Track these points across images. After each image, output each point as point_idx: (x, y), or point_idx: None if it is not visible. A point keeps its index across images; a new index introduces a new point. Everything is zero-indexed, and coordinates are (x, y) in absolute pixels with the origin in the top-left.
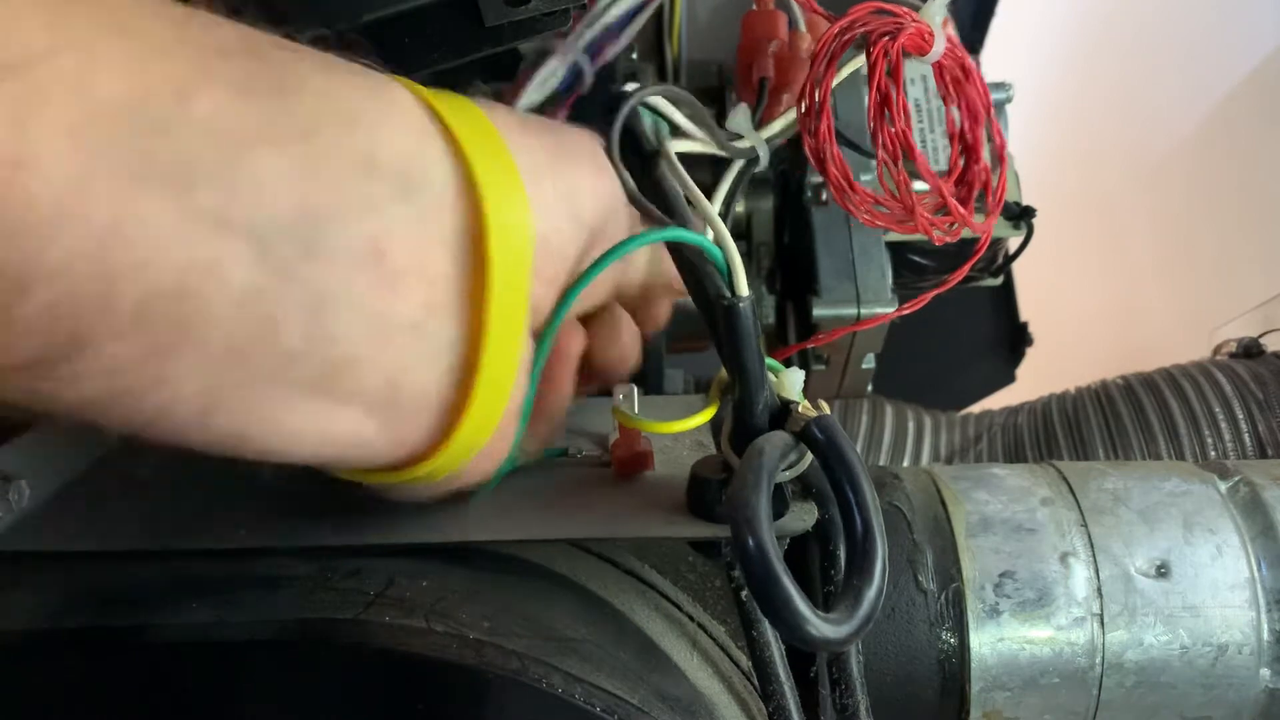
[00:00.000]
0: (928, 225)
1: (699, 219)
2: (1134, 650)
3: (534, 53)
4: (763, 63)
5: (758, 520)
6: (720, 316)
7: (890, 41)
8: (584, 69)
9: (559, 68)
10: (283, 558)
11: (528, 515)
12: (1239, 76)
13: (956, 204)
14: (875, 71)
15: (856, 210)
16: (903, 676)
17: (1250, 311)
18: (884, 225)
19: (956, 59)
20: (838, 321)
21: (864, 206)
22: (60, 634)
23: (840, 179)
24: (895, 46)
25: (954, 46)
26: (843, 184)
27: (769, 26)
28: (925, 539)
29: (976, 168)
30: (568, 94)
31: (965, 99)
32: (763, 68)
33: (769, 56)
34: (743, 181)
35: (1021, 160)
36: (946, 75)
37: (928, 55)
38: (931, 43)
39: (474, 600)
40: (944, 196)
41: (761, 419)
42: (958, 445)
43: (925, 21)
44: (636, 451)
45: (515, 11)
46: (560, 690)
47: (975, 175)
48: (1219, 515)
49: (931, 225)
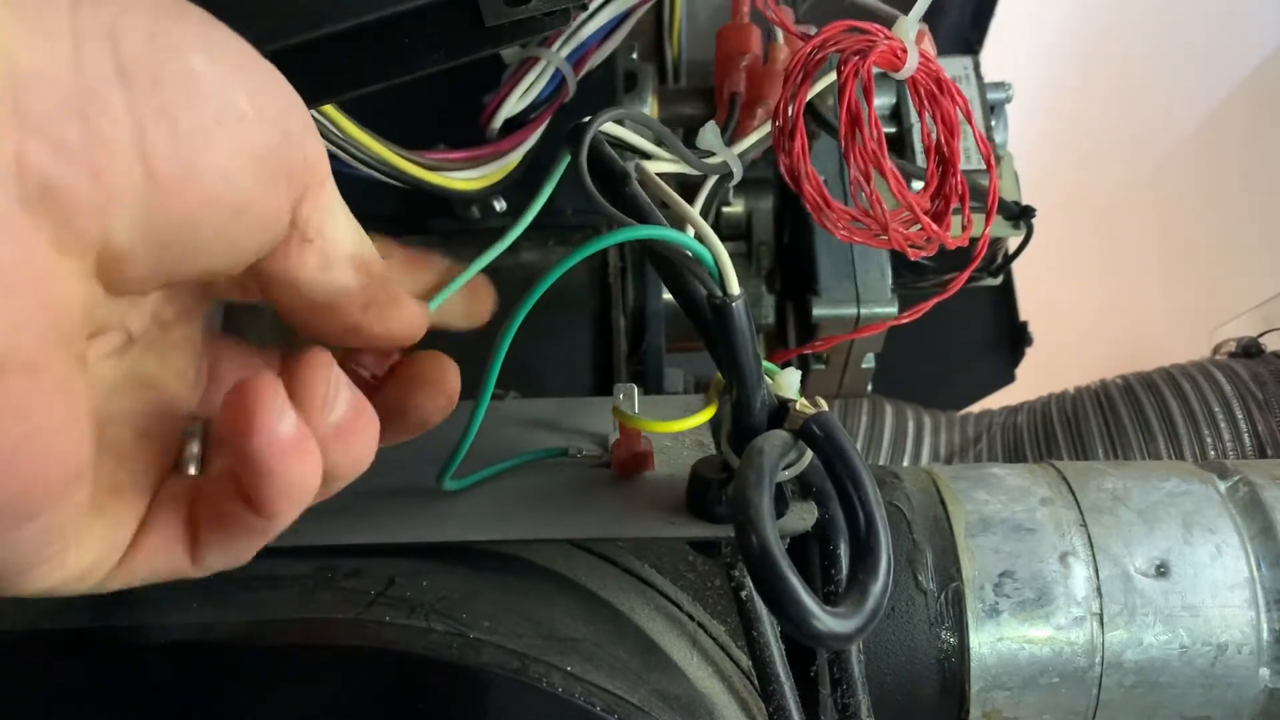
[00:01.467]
0: (902, 241)
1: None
2: (1133, 650)
3: (516, 60)
4: (734, 78)
5: (761, 519)
6: (713, 317)
7: (861, 60)
8: (566, 77)
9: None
10: (283, 558)
11: (528, 515)
12: (1239, 76)
13: (929, 221)
14: (845, 92)
15: (834, 228)
16: (902, 676)
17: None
18: (861, 241)
19: (930, 73)
20: (838, 321)
21: (841, 224)
22: (60, 634)
23: (815, 196)
24: (866, 65)
25: (927, 61)
26: (819, 202)
27: (741, 41)
28: (925, 539)
29: (953, 180)
30: (550, 102)
31: (940, 112)
32: (734, 83)
33: (740, 71)
34: (718, 197)
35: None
36: (920, 89)
37: (900, 71)
38: (904, 59)
39: (474, 600)
40: (915, 214)
41: (760, 418)
42: (957, 445)
43: (898, 38)
44: (636, 451)
45: (515, 11)
46: (560, 690)
47: (952, 188)
48: (1218, 515)
49: (906, 240)
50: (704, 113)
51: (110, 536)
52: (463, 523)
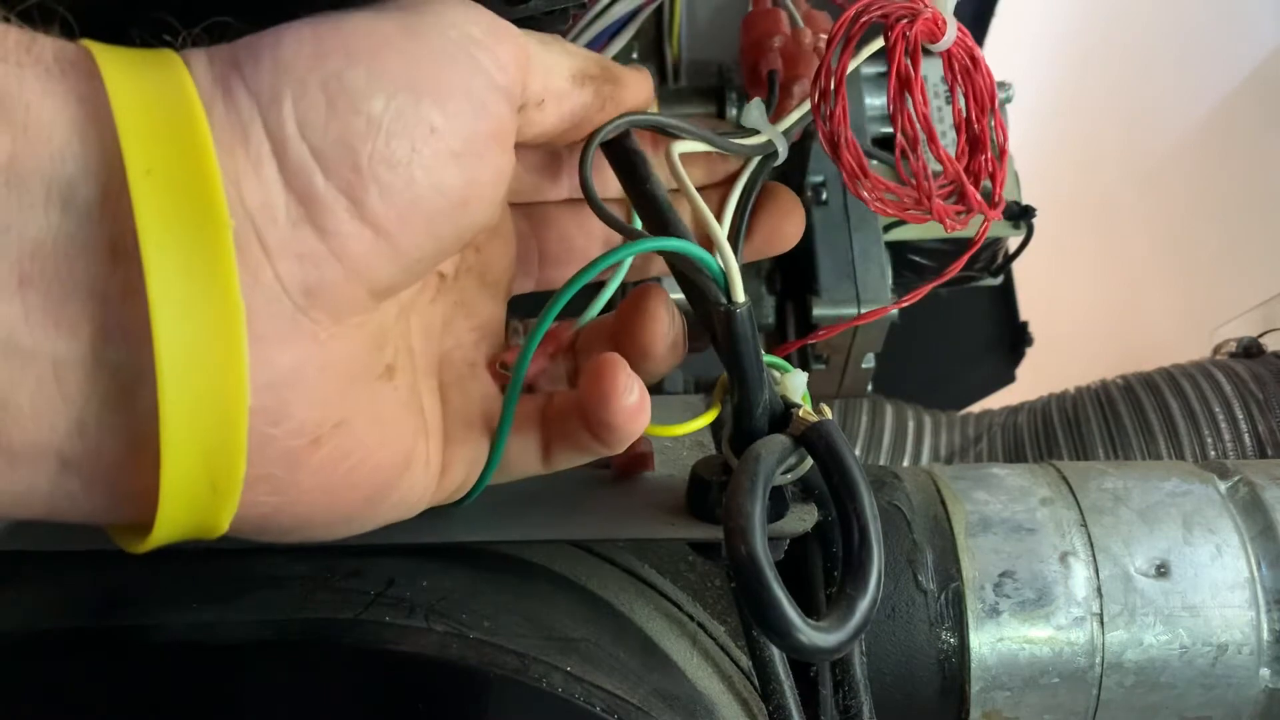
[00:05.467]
0: (942, 211)
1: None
2: (1133, 650)
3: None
4: (770, 57)
5: (750, 528)
6: (718, 323)
7: (909, 25)
8: None
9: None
10: (283, 558)
11: (528, 515)
12: (1239, 76)
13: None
14: (895, 54)
15: (869, 198)
16: (902, 676)
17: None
18: (894, 213)
19: (966, 48)
20: (838, 321)
21: (875, 194)
22: (60, 634)
23: (854, 165)
24: (914, 30)
25: (964, 35)
26: (856, 170)
27: (770, 23)
28: (925, 539)
29: (982, 158)
30: None
31: (973, 88)
32: (770, 62)
33: (774, 51)
34: (762, 176)
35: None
36: (955, 63)
37: (939, 43)
38: (944, 30)
39: (474, 600)
40: (960, 180)
41: (761, 422)
42: (958, 445)
43: (937, 8)
44: (636, 452)
45: (515, 11)
46: (560, 690)
47: (981, 166)
48: (1219, 515)
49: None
50: (704, 112)
51: (470, 457)
52: (462, 523)
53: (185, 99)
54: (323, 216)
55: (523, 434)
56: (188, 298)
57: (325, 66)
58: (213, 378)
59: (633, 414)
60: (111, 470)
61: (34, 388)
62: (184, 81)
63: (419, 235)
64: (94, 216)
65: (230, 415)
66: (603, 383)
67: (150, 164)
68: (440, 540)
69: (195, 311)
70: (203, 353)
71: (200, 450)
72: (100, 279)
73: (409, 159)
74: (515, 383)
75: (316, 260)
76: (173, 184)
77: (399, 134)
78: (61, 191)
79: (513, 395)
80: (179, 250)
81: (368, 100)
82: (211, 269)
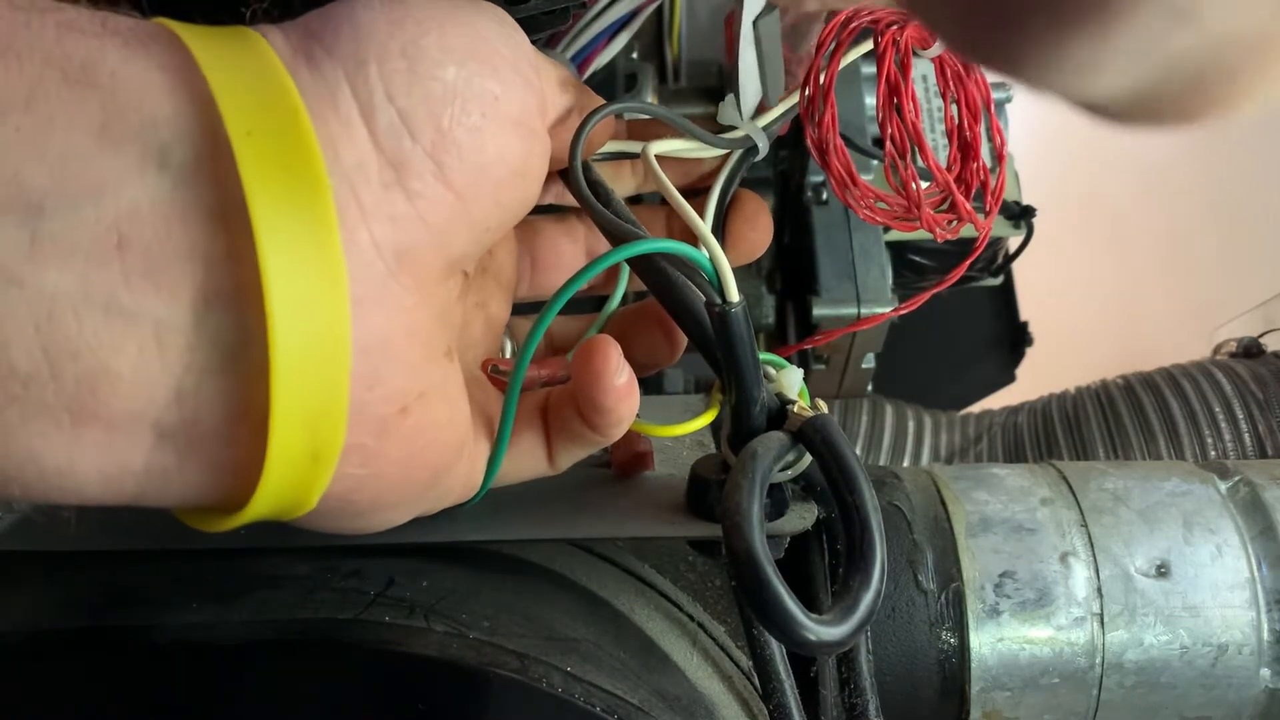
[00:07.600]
0: (931, 221)
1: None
2: (1134, 650)
3: None
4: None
5: (749, 525)
6: (714, 323)
7: (899, 31)
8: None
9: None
10: (283, 558)
11: (528, 515)
12: None
13: (962, 198)
14: (884, 61)
15: (857, 205)
16: (903, 676)
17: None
18: (884, 222)
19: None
20: (838, 322)
21: (864, 202)
22: (60, 634)
23: (842, 172)
24: (904, 36)
25: None
26: (844, 177)
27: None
28: (925, 539)
29: (974, 165)
30: None
31: (965, 95)
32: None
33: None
34: (740, 172)
35: (1021, 160)
36: (948, 70)
37: (930, 49)
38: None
39: (474, 600)
40: (950, 190)
41: (759, 420)
42: (958, 445)
43: None
44: (636, 451)
45: (515, 10)
46: (560, 690)
47: (973, 173)
48: (1219, 515)
49: (934, 222)
50: (704, 112)
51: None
52: (462, 523)
53: (271, 66)
54: (411, 179)
55: (526, 433)
56: (296, 258)
57: (404, 33)
58: (320, 340)
59: (622, 395)
60: (209, 441)
61: (135, 354)
62: (265, 51)
63: (488, 203)
64: (191, 180)
65: (335, 379)
66: (594, 362)
67: (250, 126)
68: (440, 540)
69: (304, 272)
70: (311, 314)
71: (305, 415)
72: (201, 241)
73: (481, 125)
74: (515, 383)
75: (406, 223)
76: (274, 145)
77: (472, 99)
78: (156, 155)
79: (513, 395)
80: (286, 210)
81: (443, 67)
82: (317, 229)
